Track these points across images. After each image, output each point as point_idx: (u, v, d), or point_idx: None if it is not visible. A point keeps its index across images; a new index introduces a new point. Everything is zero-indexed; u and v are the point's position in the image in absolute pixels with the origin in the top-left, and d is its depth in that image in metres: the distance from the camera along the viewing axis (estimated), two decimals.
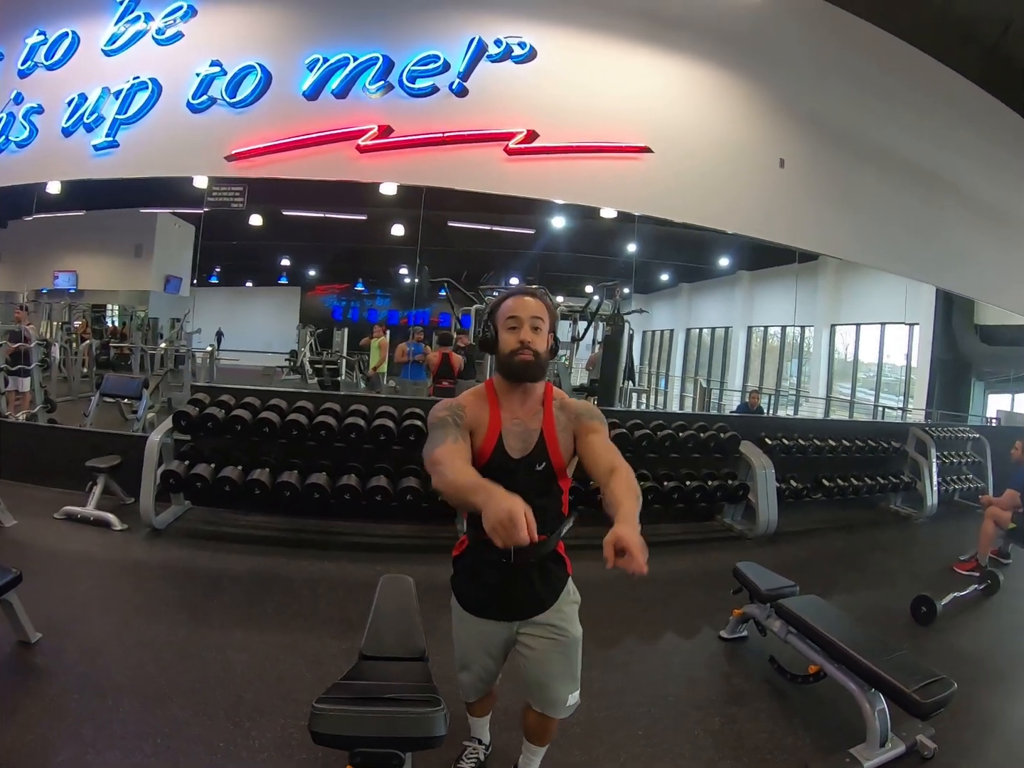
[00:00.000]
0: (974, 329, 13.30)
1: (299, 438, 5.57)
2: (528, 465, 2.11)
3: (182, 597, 4.22)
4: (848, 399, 15.13)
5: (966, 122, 9.57)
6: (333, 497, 5.37)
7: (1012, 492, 5.95)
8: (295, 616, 4.02)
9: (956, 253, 9.92)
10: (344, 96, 7.05)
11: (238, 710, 2.96)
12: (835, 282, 15.11)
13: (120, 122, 7.10)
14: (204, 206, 7.52)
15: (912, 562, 6.59)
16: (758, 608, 3.94)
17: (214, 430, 5.56)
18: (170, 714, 2.88)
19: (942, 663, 3.34)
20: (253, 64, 7.01)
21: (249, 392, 6.04)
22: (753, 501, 6.59)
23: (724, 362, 18.41)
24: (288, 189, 7.44)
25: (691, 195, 7.84)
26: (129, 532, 5.30)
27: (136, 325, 13.22)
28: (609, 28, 7.50)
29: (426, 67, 7.10)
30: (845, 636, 3.30)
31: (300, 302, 18.48)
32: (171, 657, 3.38)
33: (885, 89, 8.84)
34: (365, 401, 6.13)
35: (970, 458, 9.47)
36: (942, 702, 2.86)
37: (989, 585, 5.53)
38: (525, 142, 7.16)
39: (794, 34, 8.25)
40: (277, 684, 3.22)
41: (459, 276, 12.01)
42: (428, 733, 1.92)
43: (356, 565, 5.00)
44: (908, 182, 9.28)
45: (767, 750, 3.06)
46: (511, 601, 2.21)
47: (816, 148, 8.59)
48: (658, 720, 3.21)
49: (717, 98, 8.05)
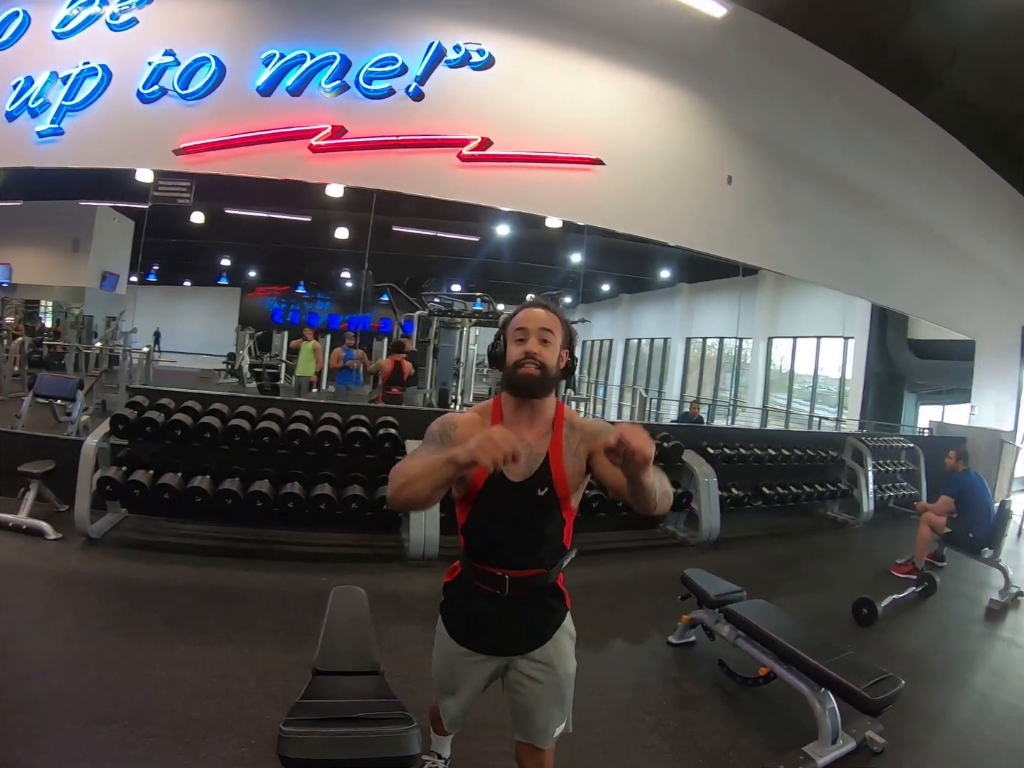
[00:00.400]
0: (907, 343, 13.80)
1: (241, 444, 5.40)
2: (529, 489, 1.93)
3: (122, 610, 4.06)
4: (784, 410, 15.49)
5: (910, 147, 9.98)
6: (276, 505, 5.21)
7: (946, 499, 6.22)
8: (239, 629, 3.90)
9: (891, 270, 10.34)
10: (299, 94, 6.97)
11: (186, 729, 2.84)
12: (773, 296, 15.51)
13: (67, 108, 6.82)
14: (149, 201, 7.29)
15: (851, 567, 6.83)
16: (707, 613, 4.00)
17: (153, 435, 5.34)
18: (115, 736, 2.73)
19: (885, 662, 3.45)
20: (207, 56, 6.85)
21: (190, 395, 5.84)
22: (696, 508, 6.69)
23: (663, 372, 18.75)
24: (234, 186, 7.28)
25: (639, 208, 7.98)
26: (64, 541, 5.04)
27: (71, 323, 12.77)
28: (568, 41, 7.60)
29: (384, 69, 7.07)
30: (793, 638, 3.38)
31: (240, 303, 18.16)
32: (114, 675, 3.21)
33: (831, 112, 9.16)
34: (309, 407, 6.01)
35: (904, 466, 9.84)
36: (891, 698, 2.96)
37: (926, 587, 5.76)
38: (479, 149, 7.19)
39: (747, 56, 8.46)
40: (225, 701, 3.10)
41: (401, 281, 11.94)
42: (404, 752, 1.87)
43: (300, 575, 4.89)
44: (848, 202, 9.64)
45: (722, 752, 3.11)
46: (505, 636, 2.07)
47: (762, 167, 8.87)
48: (613, 727, 3.23)
49: (669, 114, 8.23)
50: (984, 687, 4.24)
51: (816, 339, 15.26)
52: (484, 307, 12.44)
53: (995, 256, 11.75)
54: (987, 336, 12.02)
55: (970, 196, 10.98)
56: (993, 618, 5.61)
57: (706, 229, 8.58)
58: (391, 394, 8.89)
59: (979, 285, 11.65)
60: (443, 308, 11.96)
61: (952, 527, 6.17)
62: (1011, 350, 12.44)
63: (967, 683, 4.29)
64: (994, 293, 11.90)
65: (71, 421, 7.16)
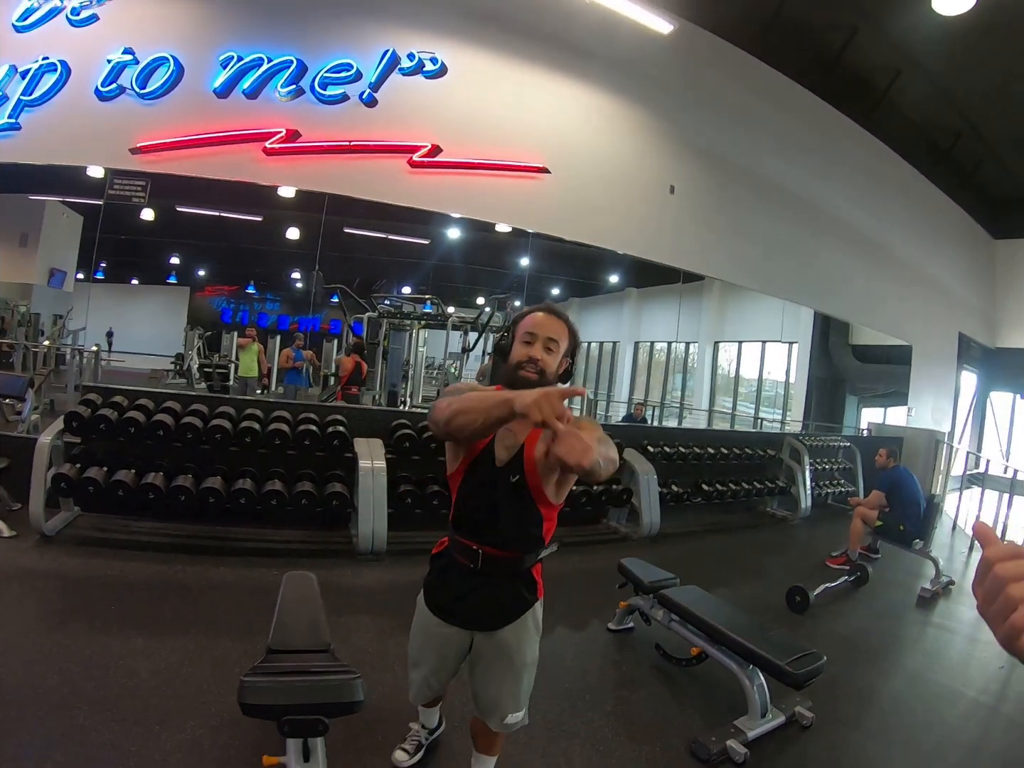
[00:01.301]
0: (849, 348, 14.22)
1: (194, 441, 5.46)
2: (505, 474, 2.08)
3: (78, 606, 4.08)
4: (730, 412, 15.86)
5: (852, 162, 10.40)
6: (228, 501, 5.28)
7: (877, 493, 6.60)
8: (195, 622, 3.98)
9: (832, 279, 10.72)
10: (255, 97, 7.00)
11: (146, 715, 2.93)
12: (719, 301, 15.82)
13: (24, 103, 6.70)
14: (104, 198, 7.20)
15: (787, 559, 7.13)
16: (642, 599, 4.23)
17: (106, 432, 5.36)
18: (77, 722, 2.83)
19: (816, 645, 3.64)
20: (166, 55, 6.83)
21: (143, 393, 5.88)
22: (636, 504, 6.92)
23: (611, 375, 19.02)
24: (187, 185, 7.23)
25: (584, 215, 8.18)
26: (18, 539, 5.02)
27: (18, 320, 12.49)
28: (518, 52, 7.76)
29: (339, 75, 7.14)
30: (723, 619, 3.62)
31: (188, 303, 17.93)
32: (73, 667, 3.27)
33: (775, 126, 9.50)
34: (260, 406, 6.09)
35: (841, 465, 10.27)
36: (814, 672, 3.19)
37: (859, 577, 6.08)
38: (429, 156, 7.31)
39: (693, 70, 8.75)
40: (182, 688, 3.20)
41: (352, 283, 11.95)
42: (349, 698, 2.12)
43: (253, 570, 4.96)
44: (791, 213, 9.97)
45: (658, 727, 3.32)
46: (472, 609, 2.19)
47: (705, 177, 9.13)
48: (554, 706, 3.41)
49: (614, 125, 8.44)
50: (915, 668, 4.52)
51: (761, 344, 15.60)
52: (433, 309, 12.52)
53: (934, 267, 12.22)
54: (924, 342, 12.44)
55: (910, 208, 11.44)
56: (924, 605, 5.94)
57: (650, 237, 8.82)
58: (351, 393, 8.95)
59: (917, 294, 12.09)
60: (392, 310, 12.02)
61: (883, 520, 6.52)
62: (948, 356, 12.95)
63: (898, 664, 4.56)
64: (932, 301, 12.36)
65: (21, 420, 7.08)
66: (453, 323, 11.59)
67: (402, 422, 6.25)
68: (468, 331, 12.08)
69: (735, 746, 3.06)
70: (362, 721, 3.01)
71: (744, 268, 9.90)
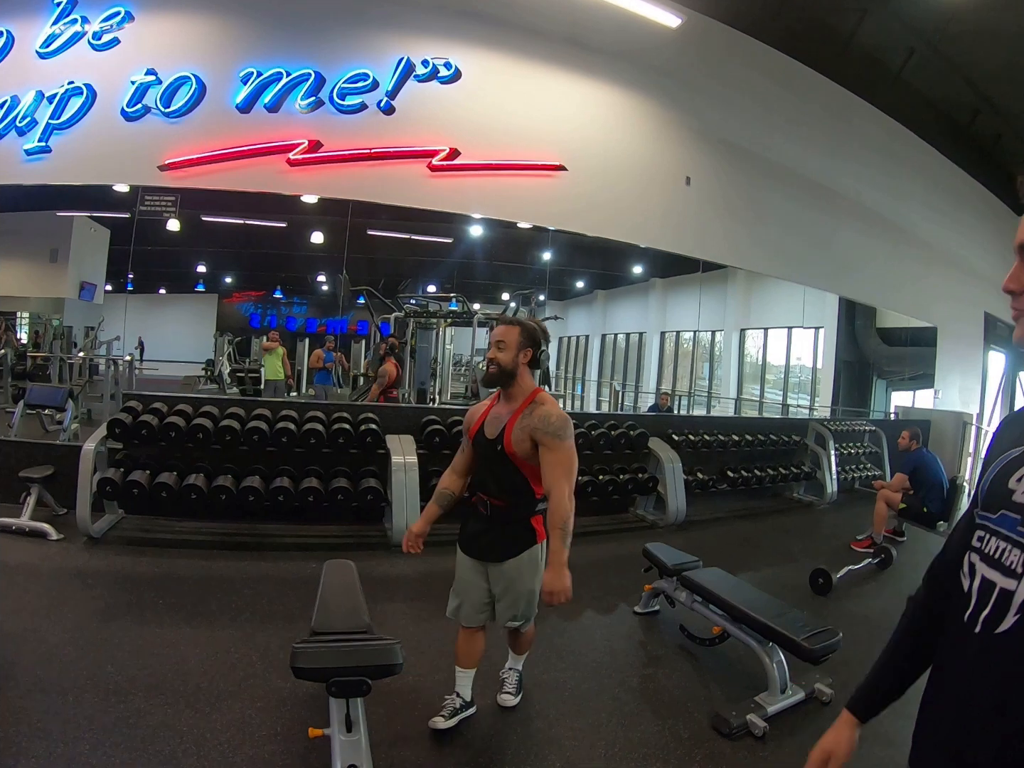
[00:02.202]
0: (875, 331, 14.09)
1: (232, 444, 5.65)
2: (492, 444, 2.84)
3: (129, 601, 4.23)
4: (758, 399, 15.80)
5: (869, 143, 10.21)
6: (268, 499, 5.45)
7: (901, 476, 6.64)
8: (240, 612, 4.14)
9: (854, 262, 10.64)
10: (276, 110, 7.18)
11: (197, 698, 3.10)
12: (744, 289, 15.70)
13: (53, 127, 6.93)
14: (136, 215, 7.48)
15: (812, 543, 7.11)
16: (666, 582, 4.35)
17: (148, 437, 5.55)
18: (132, 706, 2.99)
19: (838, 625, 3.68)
20: (188, 75, 7.02)
21: (182, 399, 6.11)
22: (663, 492, 7.01)
23: (639, 366, 18.91)
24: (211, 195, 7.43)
25: (602, 209, 8.27)
26: (67, 542, 5.19)
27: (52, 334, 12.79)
28: (530, 53, 7.87)
29: (356, 85, 7.30)
30: (742, 599, 3.73)
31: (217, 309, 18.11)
32: (126, 656, 3.44)
33: (788, 110, 9.43)
34: (294, 406, 6.31)
35: (868, 449, 10.19)
36: (830, 648, 3.29)
37: (883, 559, 6.07)
38: (448, 159, 7.45)
39: (704, 60, 8.72)
40: (231, 672, 3.36)
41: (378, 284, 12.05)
42: (390, 661, 2.42)
43: (293, 563, 5.14)
44: (810, 197, 9.92)
45: (681, 703, 3.44)
46: (483, 545, 2.94)
47: (721, 166, 9.15)
48: (582, 683, 3.57)
49: (627, 119, 8.52)
50: None
51: (787, 330, 15.54)
52: (459, 307, 12.63)
53: (955, 245, 12.03)
54: (950, 323, 12.28)
55: (930, 188, 11.19)
56: None
57: (669, 229, 8.87)
58: (392, 396, 9.06)
59: (940, 274, 11.94)
60: (419, 309, 12.14)
61: (907, 502, 6.55)
62: (974, 336, 12.74)
63: None
64: (955, 281, 12.16)
65: (63, 428, 7.33)
66: (479, 320, 11.71)
67: (432, 418, 6.43)
68: (493, 327, 12.00)
69: (755, 720, 3.16)
70: (399, 701, 3.18)
71: (765, 255, 9.92)
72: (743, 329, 16.34)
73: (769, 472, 8.31)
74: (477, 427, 2.93)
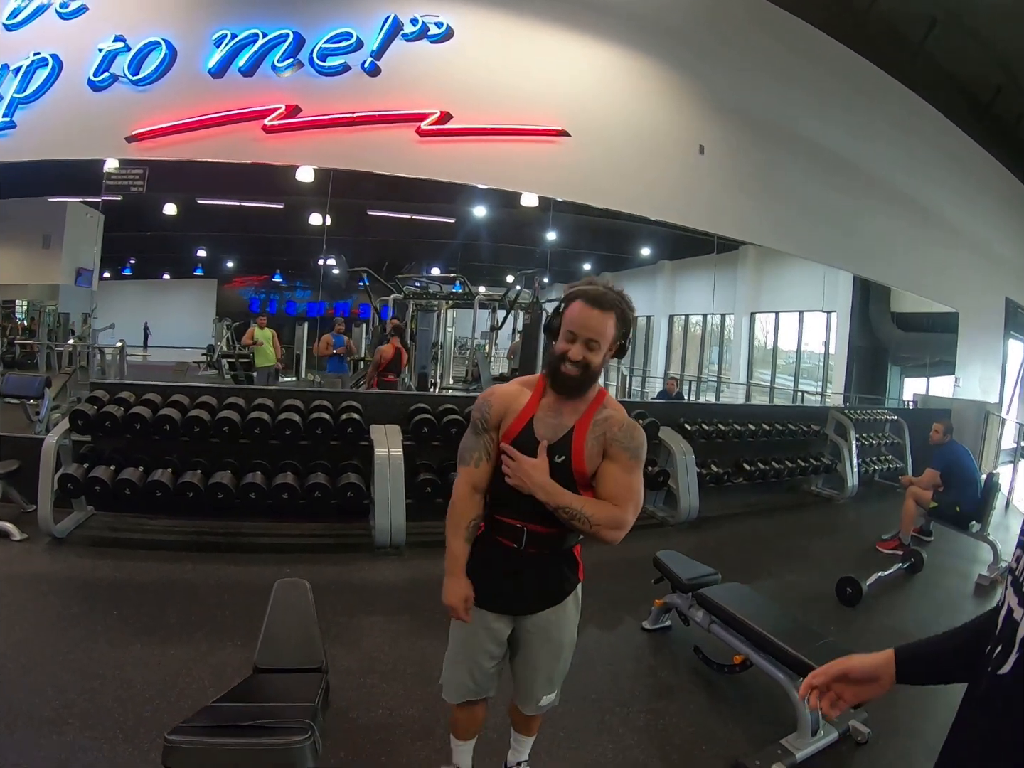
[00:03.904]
0: (890, 316, 13.69)
1: (201, 435, 5.29)
2: (550, 453, 2.04)
3: (83, 612, 3.98)
4: (768, 385, 15.46)
5: (888, 117, 9.90)
6: (238, 497, 5.11)
7: (932, 472, 6.15)
8: (198, 626, 3.83)
9: (873, 242, 10.28)
10: (251, 74, 6.84)
11: (137, 731, 2.79)
12: (755, 271, 15.44)
13: (18, 101, 6.66)
14: (103, 191, 7.15)
15: (835, 543, 6.71)
16: (680, 598, 3.89)
17: (113, 430, 5.21)
18: (67, 739, 2.71)
19: (870, 643, 3.26)
20: (158, 40, 6.71)
21: (150, 388, 5.72)
22: (674, 487, 6.59)
23: (647, 350, 18.70)
24: (201, 175, 7.25)
25: (609, 179, 7.89)
26: (29, 542, 4.95)
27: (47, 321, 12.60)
28: (529, 10, 7.48)
29: (338, 45, 6.96)
30: (769, 624, 3.27)
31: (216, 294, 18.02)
32: (69, 677, 3.18)
33: (808, 82, 9.08)
34: (270, 394, 5.91)
35: (889, 439, 9.73)
36: None
37: (913, 563, 5.65)
38: (438, 123, 7.09)
39: (719, 23, 8.37)
40: (178, 701, 3.03)
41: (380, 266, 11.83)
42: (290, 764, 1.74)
43: (264, 567, 4.82)
44: (828, 173, 9.53)
45: (695, 745, 3.00)
46: (518, 592, 2.16)
47: (737, 137, 8.75)
48: (579, 718, 3.12)
49: (636, 83, 8.10)
50: None
51: (799, 314, 15.16)
52: (462, 289, 12.43)
53: (977, 228, 11.68)
54: (970, 308, 11.93)
55: (951, 167, 10.93)
56: (983, 594, 5.48)
57: (680, 201, 8.48)
58: (387, 381, 8.62)
59: (962, 257, 11.57)
60: (419, 291, 11.84)
61: (938, 501, 6.09)
62: (995, 322, 12.44)
63: None
64: (977, 265, 11.83)
65: (40, 420, 7.02)
66: (480, 302, 11.38)
67: (421, 406, 6.01)
68: (496, 309, 11.92)
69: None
70: (368, 739, 2.82)
71: (779, 231, 9.53)
72: (753, 313, 15.98)
73: (787, 464, 7.87)
74: (522, 426, 2.09)
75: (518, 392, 2.14)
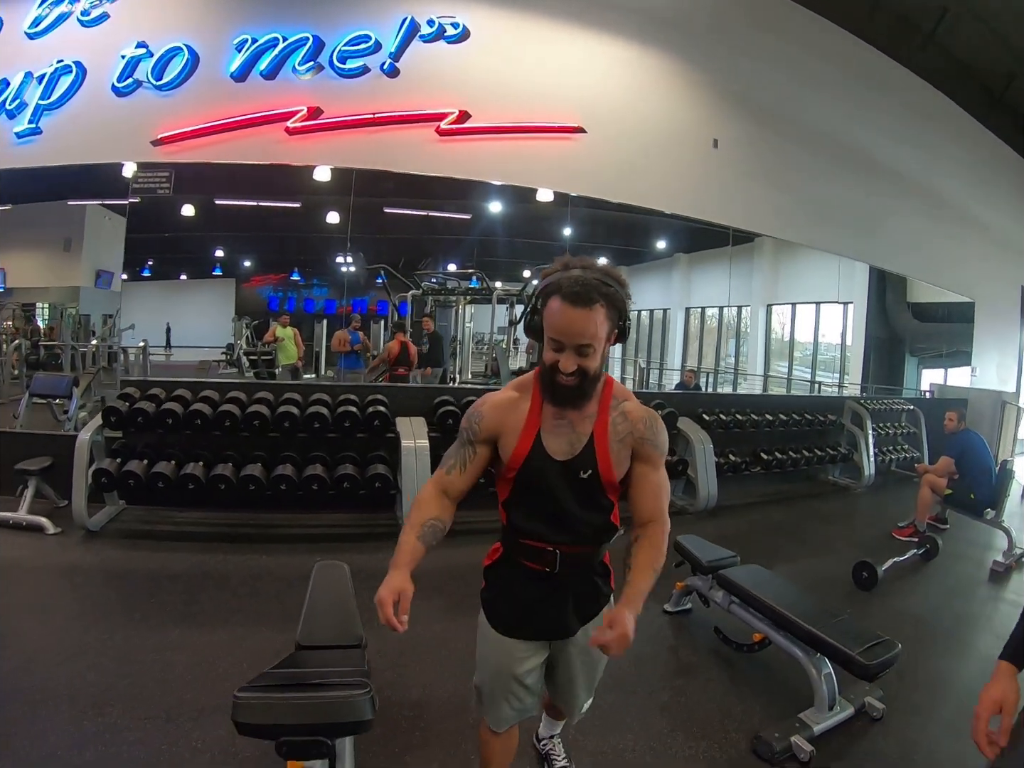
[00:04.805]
0: (907, 306, 13.59)
1: (232, 429, 5.40)
2: (572, 470, 1.82)
3: (119, 600, 4.08)
4: (785, 377, 15.42)
5: (901, 107, 9.83)
6: (269, 488, 5.22)
7: (947, 459, 6.19)
8: (234, 612, 3.92)
9: (887, 232, 10.22)
10: (273, 77, 6.90)
11: (179, 711, 2.87)
12: (771, 263, 15.34)
13: (43, 107, 6.77)
14: (129, 194, 7.20)
15: (852, 530, 6.76)
16: (700, 580, 3.98)
17: (145, 425, 5.33)
18: (109, 721, 2.76)
19: (886, 626, 3.40)
20: (180, 45, 6.78)
21: (180, 384, 5.84)
22: (693, 476, 6.67)
23: (664, 343, 18.59)
24: (219, 176, 7.28)
25: (625, 174, 7.90)
26: (63, 536, 5.07)
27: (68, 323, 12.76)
28: (543, 8, 7.50)
29: (357, 47, 7.00)
30: (787, 603, 3.34)
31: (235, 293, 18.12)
32: (109, 662, 3.25)
33: (819, 73, 9.04)
34: (298, 389, 6.01)
35: (905, 429, 9.75)
36: (887, 663, 2.91)
37: (928, 550, 5.71)
38: (457, 123, 7.12)
39: (730, 17, 8.36)
40: (218, 683, 3.11)
41: (397, 263, 11.88)
42: (355, 718, 1.80)
43: (294, 557, 4.91)
44: (842, 163, 9.50)
45: (717, 721, 3.08)
46: (551, 619, 1.97)
47: (751, 129, 8.74)
48: (604, 697, 3.15)
49: (650, 79, 8.12)
50: (988, 650, 4.08)
51: (815, 305, 15.07)
52: (479, 284, 12.46)
53: (992, 216, 11.55)
54: (986, 297, 11.85)
55: (964, 156, 10.82)
56: (997, 580, 5.54)
57: (694, 194, 8.48)
58: (398, 375, 8.80)
59: (977, 246, 11.47)
60: (436, 287, 11.91)
61: (953, 488, 6.14)
62: (1011, 311, 12.30)
63: (971, 646, 4.23)
64: (992, 254, 11.72)
65: (68, 418, 7.15)
66: (498, 296, 11.39)
67: (445, 399, 6.09)
68: (514, 304, 11.97)
69: (800, 743, 2.81)
70: (402, 717, 2.91)
71: (794, 223, 9.49)
72: (769, 305, 15.90)
73: (805, 453, 7.93)
74: (529, 444, 1.83)
75: (514, 401, 1.88)
